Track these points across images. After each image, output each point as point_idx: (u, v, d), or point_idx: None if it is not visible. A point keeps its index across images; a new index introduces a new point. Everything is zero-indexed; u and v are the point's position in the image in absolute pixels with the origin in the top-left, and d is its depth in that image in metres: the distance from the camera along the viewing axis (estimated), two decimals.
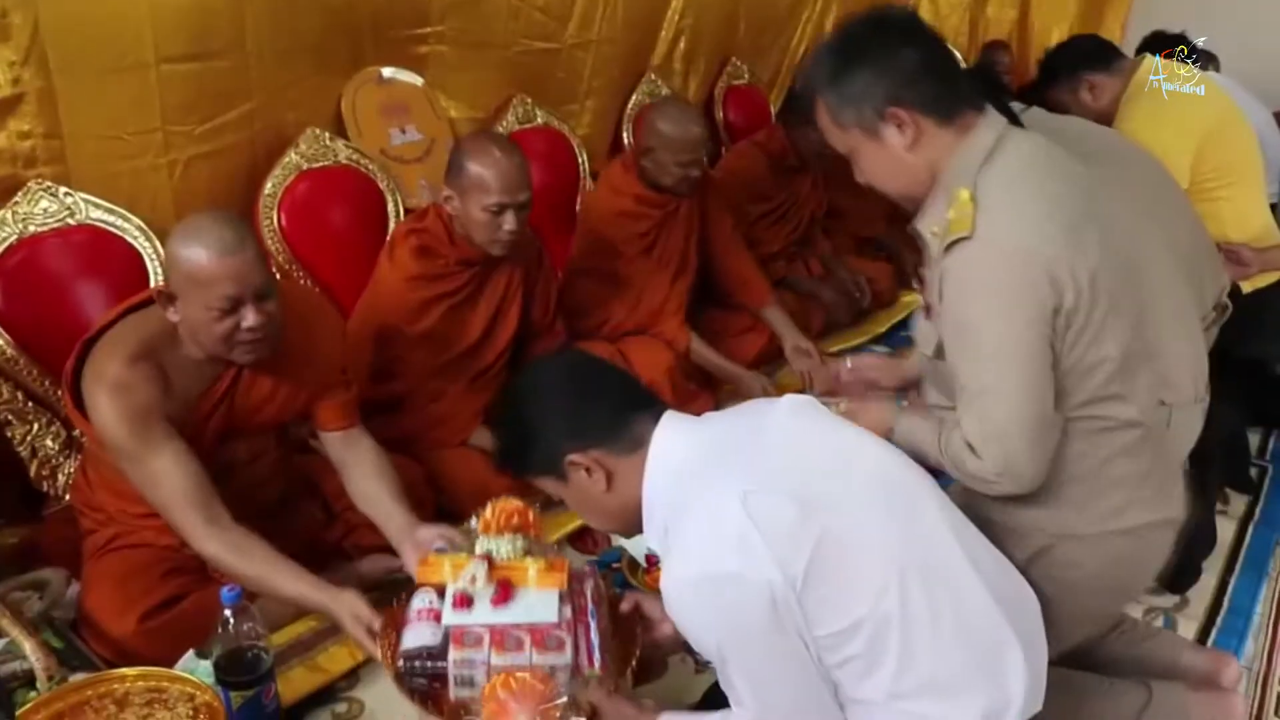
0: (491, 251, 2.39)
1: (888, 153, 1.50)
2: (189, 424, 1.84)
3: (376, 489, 1.99)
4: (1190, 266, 2.20)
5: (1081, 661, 1.76)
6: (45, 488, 2.20)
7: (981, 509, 1.55)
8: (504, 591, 1.57)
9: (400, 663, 1.54)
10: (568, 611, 1.57)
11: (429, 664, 1.52)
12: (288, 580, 1.76)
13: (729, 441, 1.41)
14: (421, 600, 1.62)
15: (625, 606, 1.69)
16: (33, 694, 1.58)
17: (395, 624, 1.63)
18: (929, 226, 1.49)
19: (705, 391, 2.97)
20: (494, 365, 2.54)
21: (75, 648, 1.78)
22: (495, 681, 1.44)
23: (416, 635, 1.55)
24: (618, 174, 3.05)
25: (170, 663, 1.68)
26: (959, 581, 1.35)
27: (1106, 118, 2.81)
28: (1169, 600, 2.26)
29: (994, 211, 1.41)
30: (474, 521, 1.69)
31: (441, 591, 1.61)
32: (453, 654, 1.50)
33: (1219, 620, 2.21)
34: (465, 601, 1.56)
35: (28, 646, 1.61)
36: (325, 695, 1.83)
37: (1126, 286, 1.49)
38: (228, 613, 1.57)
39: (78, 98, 2.23)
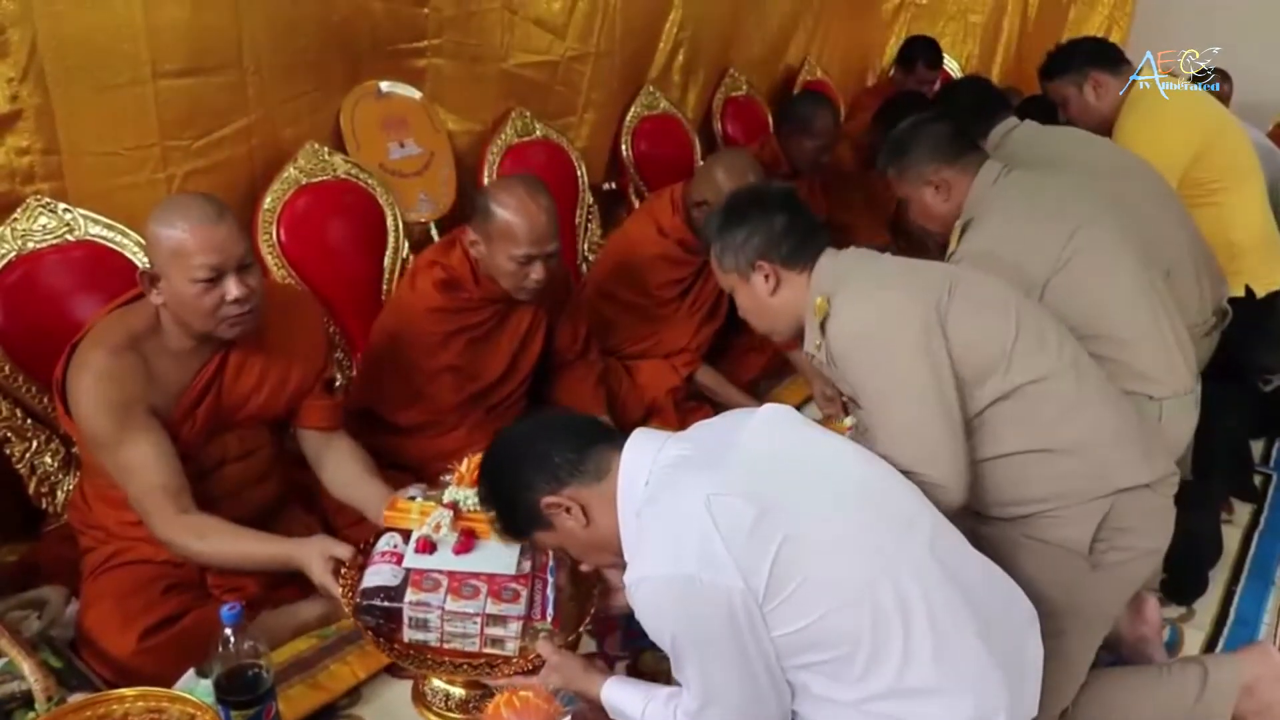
0: (517, 297, 2.38)
1: (755, 293, 1.84)
2: (175, 415, 1.85)
3: (354, 472, 2.04)
4: (1178, 269, 2.31)
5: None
6: (44, 505, 2.19)
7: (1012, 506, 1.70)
8: (466, 540, 1.63)
9: (358, 600, 1.58)
10: (527, 565, 1.62)
11: (386, 603, 1.56)
12: (252, 545, 1.81)
13: (700, 449, 1.43)
14: (386, 543, 1.67)
15: (586, 567, 1.71)
16: (31, 715, 1.56)
17: (358, 565, 1.68)
18: (810, 348, 1.80)
19: (705, 408, 2.95)
20: (512, 395, 2.53)
21: (74, 667, 1.77)
22: (499, 700, 1.44)
23: (377, 575, 1.60)
24: (665, 214, 2.95)
25: (170, 681, 1.66)
26: (934, 593, 1.35)
27: (1104, 117, 2.84)
28: (1175, 611, 2.24)
29: (851, 287, 1.74)
30: (449, 476, 1.75)
31: (407, 536, 1.65)
32: (409, 595, 1.54)
33: (1225, 631, 2.20)
34: (428, 547, 1.62)
35: (26, 667, 1.60)
36: (326, 713, 1.82)
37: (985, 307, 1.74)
38: (228, 631, 1.55)
39: (75, 114, 2.23)
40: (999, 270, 2.03)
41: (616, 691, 1.56)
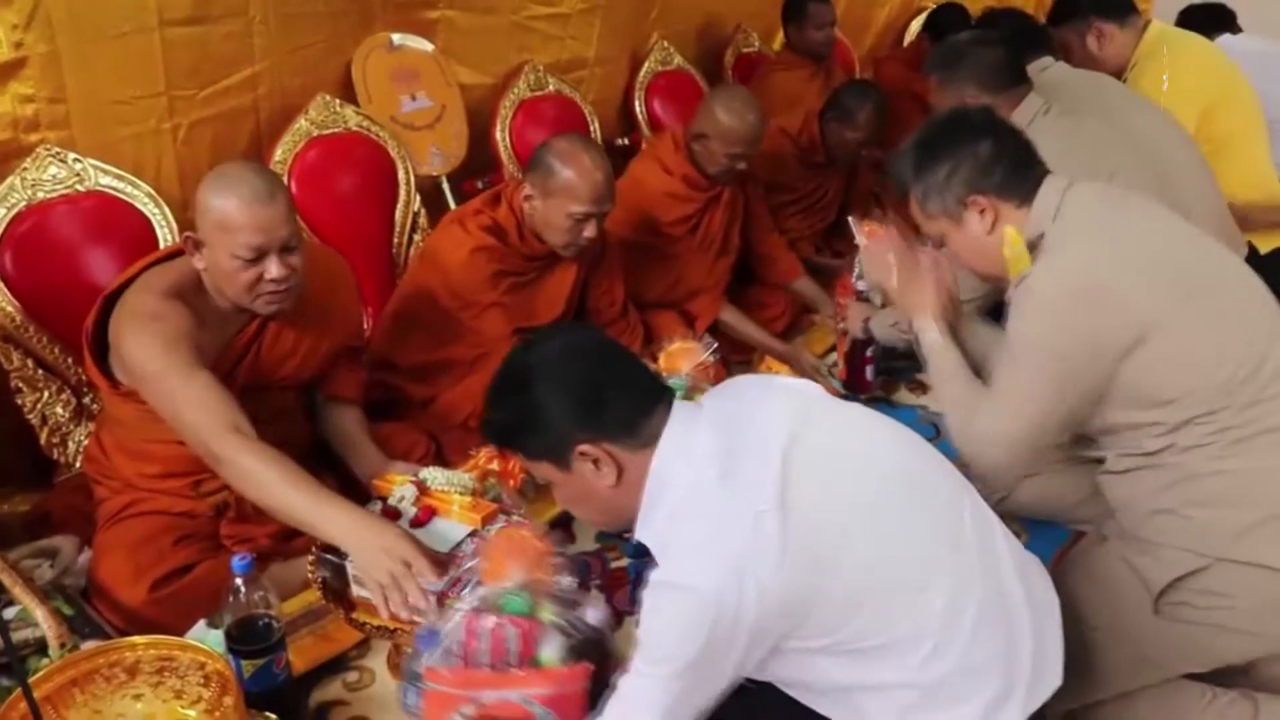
0: (563, 253, 2.40)
1: (970, 235, 1.65)
2: (214, 374, 1.83)
3: (357, 434, 2.08)
4: (1196, 224, 2.24)
5: None
6: (55, 455, 2.20)
7: (1134, 525, 1.56)
8: (424, 515, 1.71)
9: (319, 552, 1.67)
10: (469, 547, 1.64)
11: (334, 558, 1.65)
12: (326, 498, 1.63)
13: (734, 444, 1.33)
14: (368, 509, 1.74)
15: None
16: (44, 661, 1.57)
17: None
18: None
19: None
20: None
21: (86, 615, 1.77)
22: (496, 538, 1.48)
23: None
24: (668, 152, 2.96)
25: (181, 631, 1.67)
26: (970, 590, 1.31)
27: (1107, 69, 2.82)
28: None
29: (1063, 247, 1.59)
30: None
31: None
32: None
33: None
34: (393, 515, 1.71)
35: (39, 614, 1.61)
36: (336, 664, 1.82)
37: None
38: (239, 581, 1.56)
39: (81, 61, 2.20)
40: None
41: None
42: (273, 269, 1.78)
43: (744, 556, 1.22)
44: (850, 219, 2.75)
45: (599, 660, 1.47)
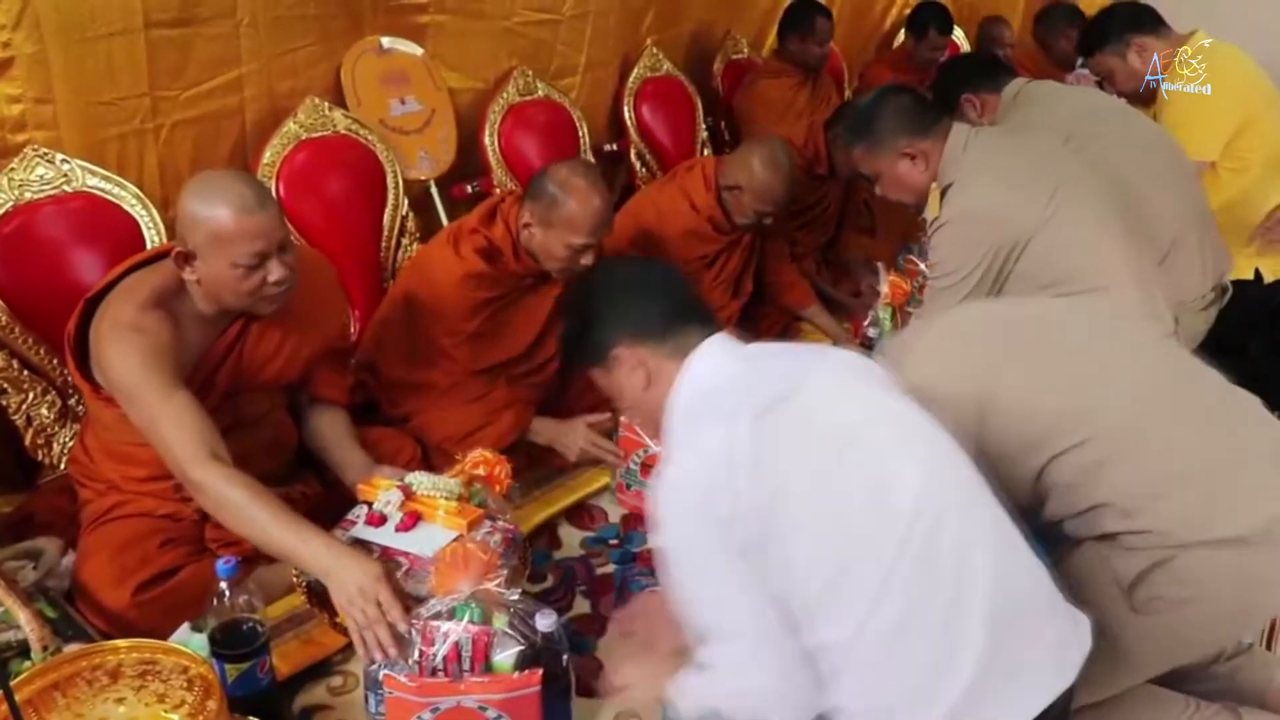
0: (557, 278, 2.39)
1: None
2: (196, 377, 1.85)
3: (342, 434, 2.08)
4: (1179, 240, 2.35)
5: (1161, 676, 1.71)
6: (40, 456, 2.19)
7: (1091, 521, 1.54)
8: (409, 520, 1.72)
9: None
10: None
11: None
12: (299, 532, 1.62)
13: (764, 375, 1.40)
14: (354, 513, 1.76)
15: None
16: (27, 664, 1.57)
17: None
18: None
19: None
20: (541, 368, 2.50)
21: (70, 618, 1.77)
22: (443, 552, 1.54)
23: None
24: (698, 189, 2.92)
25: (165, 635, 1.67)
26: (929, 592, 1.27)
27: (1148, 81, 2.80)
28: None
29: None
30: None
31: None
32: None
33: None
34: (378, 520, 1.72)
35: (22, 616, 1.60)
36: (320, 669, 1.82)
37: None
38: (223, 585, 1.56)
39: (68, 62, 2.20)
40: (987, 227, 2.11)
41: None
42: (275, 271, 1.80)
43: (728, 428, 1.29)
44: (879, 265, 2.80)
45: (550, 666, 1.52)
